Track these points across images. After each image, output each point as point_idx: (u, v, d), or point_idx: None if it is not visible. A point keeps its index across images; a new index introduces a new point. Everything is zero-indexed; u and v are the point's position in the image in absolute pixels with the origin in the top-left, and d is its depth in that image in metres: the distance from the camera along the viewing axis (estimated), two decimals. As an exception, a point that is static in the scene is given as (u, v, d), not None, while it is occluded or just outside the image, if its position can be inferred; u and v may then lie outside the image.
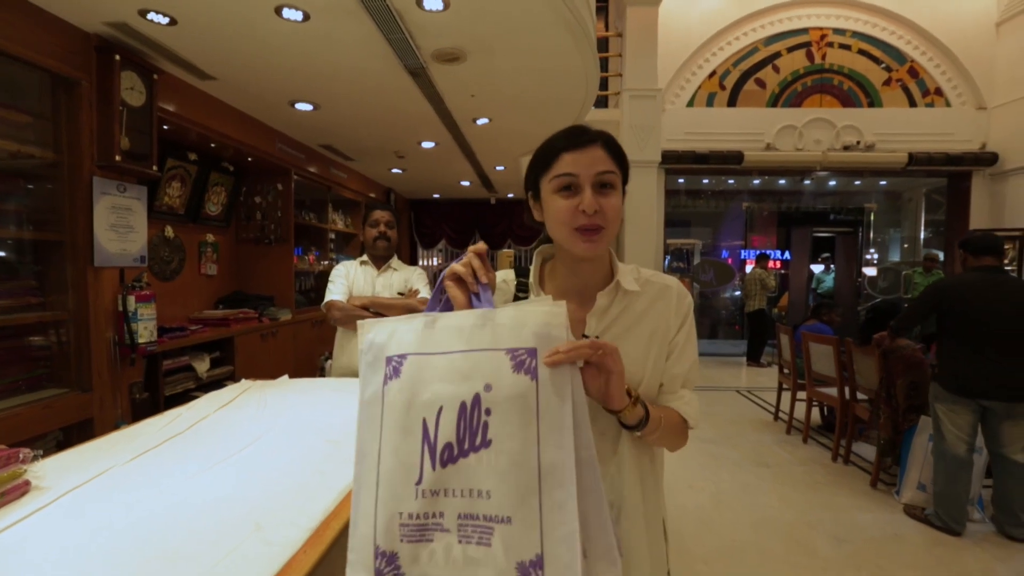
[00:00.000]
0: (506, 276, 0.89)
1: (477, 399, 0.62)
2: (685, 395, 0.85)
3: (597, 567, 0.63)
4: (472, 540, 0.61)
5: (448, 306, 0.72)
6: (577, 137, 0.78)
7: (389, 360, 0.68)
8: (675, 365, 0.84)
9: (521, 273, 0.88)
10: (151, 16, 2.19)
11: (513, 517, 0.60)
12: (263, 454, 1.32)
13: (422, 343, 0.67)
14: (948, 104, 6.53)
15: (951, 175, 6.74)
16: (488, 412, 0.62)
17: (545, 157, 0.80)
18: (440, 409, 0.63)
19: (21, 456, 1.10)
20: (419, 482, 0.63)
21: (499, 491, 0.60)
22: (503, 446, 0.61)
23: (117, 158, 2.37)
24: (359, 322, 0.73)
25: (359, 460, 0.68)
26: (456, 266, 0.71)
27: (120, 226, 2.50)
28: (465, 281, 0.70)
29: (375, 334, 0.71)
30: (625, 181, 0.81)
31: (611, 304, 0.83)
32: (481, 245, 0.73)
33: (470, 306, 0.70)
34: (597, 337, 0.79)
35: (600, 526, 0.64)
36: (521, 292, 0.86)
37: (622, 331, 0.82)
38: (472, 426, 0.62)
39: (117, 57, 2.36)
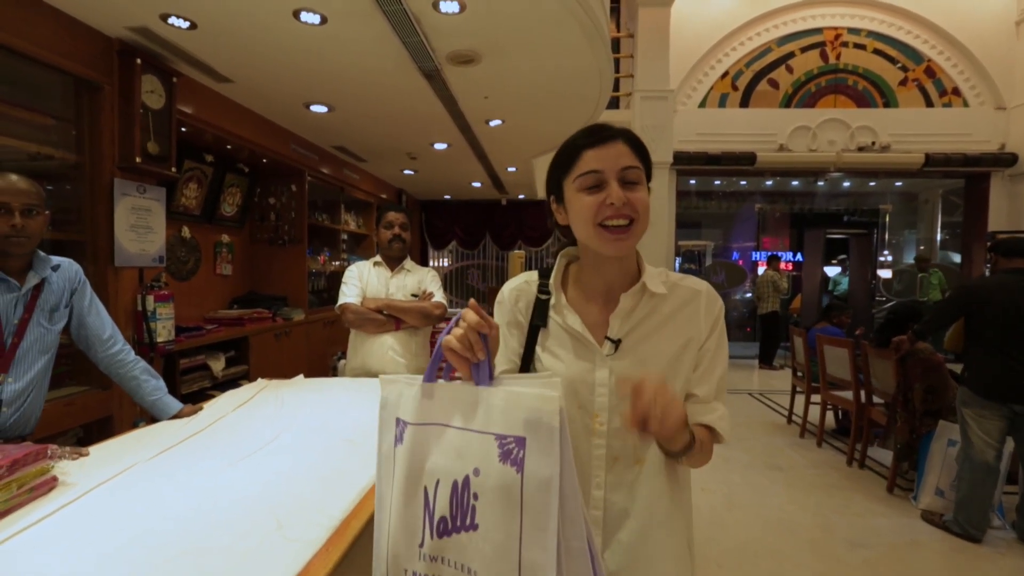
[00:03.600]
0: (529, 277, 0.88)
1: (467, 481, 0.62)
2: (719, 408, 0.82)
3: None
4: None
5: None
6: (599, 134, 0.76)
7: (398, 422, 0.70)
8: (708, 375, 0.82)
9: (544, 274, 0.87)
10: (172, 20, 2.23)
11: None
12: (282, 452, 1.34)
13: (421, 413, 0.68)
14: (966, 104, 6.43)
15: (969, 176, 6.64)
16: (476, 497, 0.62)
17: (567, 157, 0.78)
18: (438, 482, 0.65)
19: (49, 452, 1.12)
20: (421, 545, 0.65)
21: (485, 574, 0.61)
22: (488, 534, 0.61)
23: (137, 160, 2.41)
24: (381, 377, 0.74)
25: (379, 506, 0.71)
26: (452, 340, 0.65)
27: (140, 227, 2.54)
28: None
29: (388, 392, 0.72)
30: (649, 178, 0.80)
31: (636, 306, 0.80)
32: (474, 316, 0.65)
33: (470, 375, 0.67)
34: (619, 340, 0.78)
35: None
36: (543, 293, 0.85)
37: (647, 334, 0.80)
38: (463, 506, 0.63)
39: (138, 61, 2.40)
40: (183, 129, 2.94)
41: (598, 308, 0.82)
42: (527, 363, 0.84)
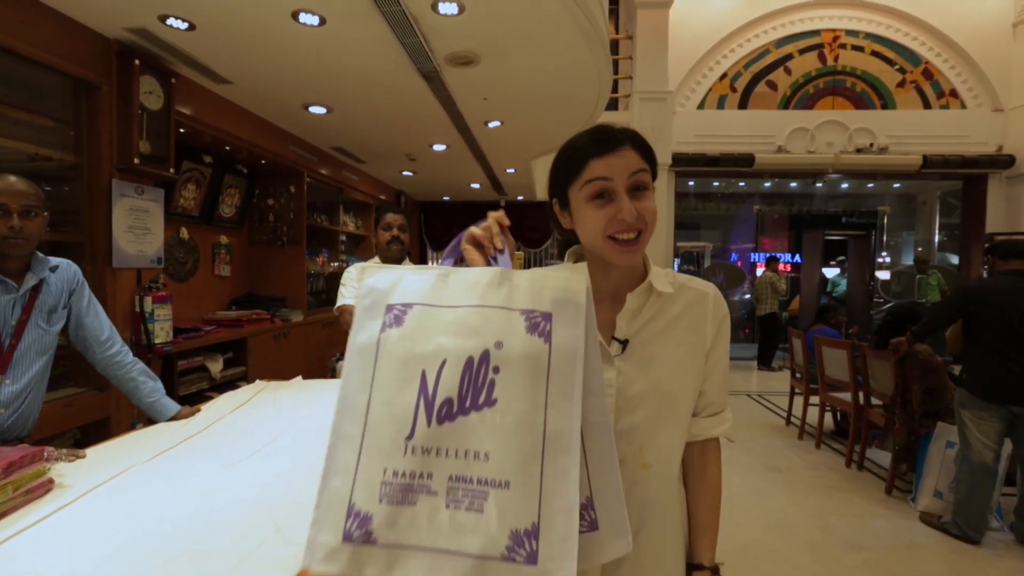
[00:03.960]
0: None
1: (486, 355, 0.59)
2: (729, 418, 0.83)
3: (607, 540, 0.61)
4: (462, 505, 0.57)
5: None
6: (605, 141, 0.74)
7: (390, 308, 0.64)
8: (718, 381, 0.82)
9: None
10: (170, 21, 2.22)
11: (512, 482, 0.56)
12: (280, 454, 1.34)
13: (432, 295, 0.64)
14: (963, 106, 6.45)
15: (967, 178, 6.65)
16: (496, 370, 0.58)
17: (572, 164, 0.75)
18: (443, 362, 0.59)
19: (45, 454, 1.12)
20: (410, 437, 0.58)
21: (499, 453, 0.56)
22: (509, 406, 0.57)
23: (136, 161, 2.41)
24: (366, 264, 0.72)
25: (341, 410, 0.63)
26: (475, 229, 0.68)
27: (138, 228, 2.54)
28: (483, 244, 0.68)
29: (377, 280, 0.67)
30: (654, 177, 0.78)
31: (643, 306, 0.79)
32: (501, 213, 0.70)
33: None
34: (626, 341, 0.77)
35: (612, 496, 0.61)
36: None
37: (655, 335, 0.79)
38: (477, 383, 0.58)
39: (137, 62, 2.40)
40: (181, 130, 2.93)
41: (604, 308, 0.80)
42: None
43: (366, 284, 0.67)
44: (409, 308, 0.64)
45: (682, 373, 0.79)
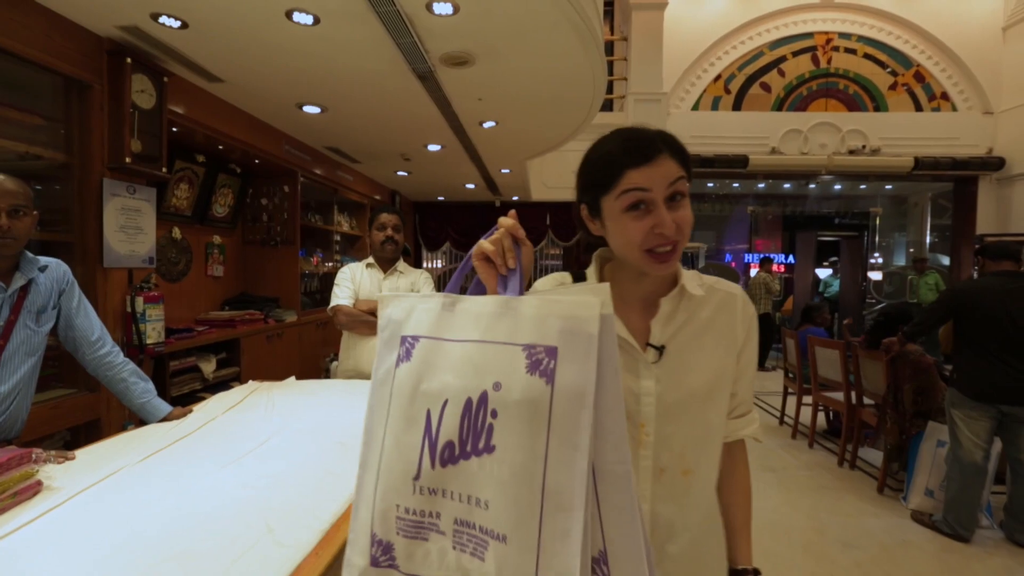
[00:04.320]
0: (563, 278, 0.83)
1: (484, 397, 0.55)
2: (755, 419, 0.83)
3: None
4: (467, 549, 0.56)
5: (479, 289, 0.65)
6: (642, 151, 0.69)
7: (404, 340, 0.62)
8: (748, 382, 0.81)
9: (577, 277, 0.82)
10: (163, 20, 2.20)
11: (509, 537, 0.53)
12: (273, 455, 1.33)
13: (437, 326, 0.61)
14: (954, 109, 6.52)
15: (957, 179, 6.72)
16: (494, 414, 0.55)
17: (606, 175, 0.71)
18: (445, 403, 0.57)
19: (33, 456, 1.11)
20: (417, 478, 0.58)
21: (498, 504, 0.54)
22: (506, 455, 0.54)
23: (127, 160, 2.39)
24: (380, 295, 0.69)
25: (366, 441, 0.64)
26: (485, 243, 0.63)
27: (129, 227, 2.52)
28: (494, 262, 0.63)
29: (393, 309, 0.65)
30: (690, 179, 0.74)
31: (676, 310, 0.77)
32: (513, 221, 0.63)
33: (497, 289, 0.63)
34: (663, 347, 0.75)
35: (630, 551, 0.55)
36: None
37: (689, 339, 0.77)
38: (476, 427, 0.55)
39: (128, 60, 2.38)
40: (174, 129, 2.91)
41: (636, 314, 0.78)
42: None
43: (385, 315, 0.66)
44: (416, 341, 0.62)
45: (718, 376, 0.78)
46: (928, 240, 8.13)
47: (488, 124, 3.77)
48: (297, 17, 2.19)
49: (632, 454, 0.74)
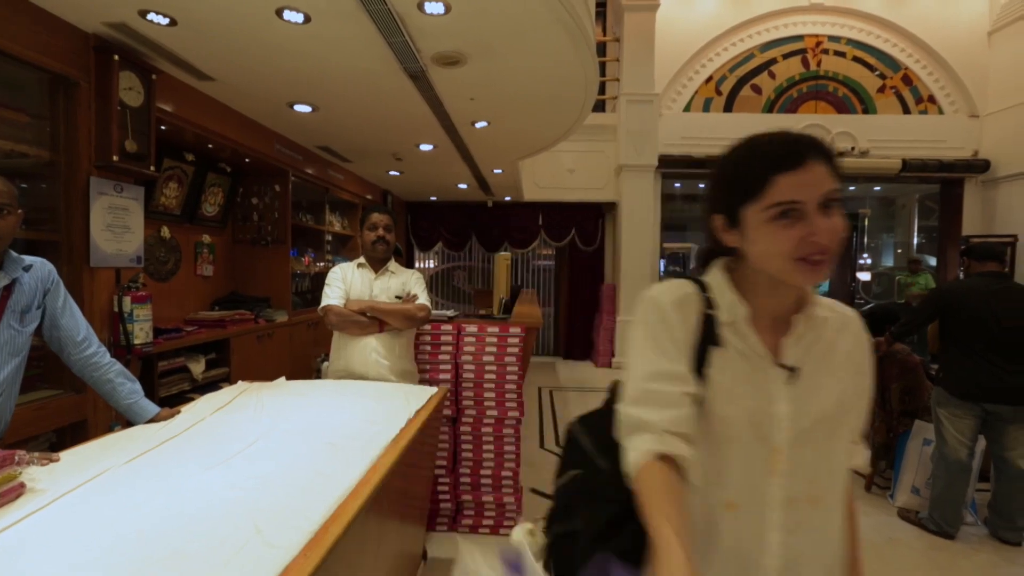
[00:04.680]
0: (686, 287, 0.76)
1: None
2: (863, 449, 0.79)
3: None
4: None
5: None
6: (792, 156, 0.66)
7: None
8: (864, 408, 0.78)
9: (699, 285, 0.77)
10: (151, 16, 2.18)
11: None
12: (262, 456, 1.32)
13: None
14: (941, 112, 6.61)
15: (944, 182, 6.81)
16: None
17: (751, 182, 0.67)
18: None
19: (16, 458, 1.09)
20: None
21: None
22: None
23: (115, 158, 2.36)
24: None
25: None
26: None
27: (117, 226, 2.49)
28: None
29: None
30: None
31: (807, 331, 0.74)
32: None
33: None
34: (795, 368, 0.71)
35: None
36: (710, 308, 0.74)
37: (819, 361, 0.73)
38: None
39: (116, 57, 2.35)
40: (163, 127, 2.88)
41: (766, 332, 0.74)
42: None
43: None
44: None
45: (845, 400, 0.75)
46: (916, 241, 8.24)
47: (480, 124, 3.76)
48: (288, 15, 2.18)
49: (763, 483, 0.72)
